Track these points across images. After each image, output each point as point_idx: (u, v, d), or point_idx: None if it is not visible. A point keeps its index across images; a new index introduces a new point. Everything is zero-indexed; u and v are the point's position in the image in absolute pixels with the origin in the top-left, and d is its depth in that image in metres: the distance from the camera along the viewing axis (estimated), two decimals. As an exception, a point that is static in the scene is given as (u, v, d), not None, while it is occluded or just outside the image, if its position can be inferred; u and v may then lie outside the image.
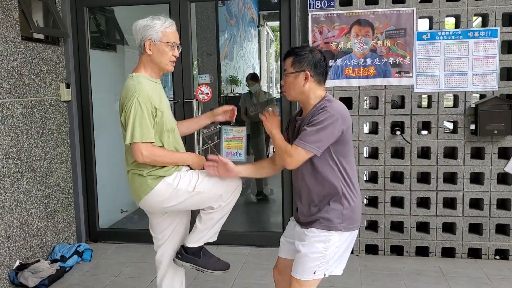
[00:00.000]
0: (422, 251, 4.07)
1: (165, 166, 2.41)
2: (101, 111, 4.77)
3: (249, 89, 6.20)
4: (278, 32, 4.42)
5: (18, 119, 3.67)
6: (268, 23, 12.65)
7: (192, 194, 2.45)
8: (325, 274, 2.33)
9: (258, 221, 5.67)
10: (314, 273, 2.29)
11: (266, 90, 6.28)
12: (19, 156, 3.67)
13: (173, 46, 2.43)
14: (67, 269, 3.82)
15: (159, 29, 2.38)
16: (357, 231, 2.38)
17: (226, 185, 2.50)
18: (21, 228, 3.69)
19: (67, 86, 4.26)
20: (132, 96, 2.30)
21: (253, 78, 6.21)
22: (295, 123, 2.41)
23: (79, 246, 4.10)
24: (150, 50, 2.40)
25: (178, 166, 2.48)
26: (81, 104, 4.44)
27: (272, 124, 2.39)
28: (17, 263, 3.62)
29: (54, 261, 3.84)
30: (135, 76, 2.40)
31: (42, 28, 4.04)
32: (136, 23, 2.44)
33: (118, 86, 5.28)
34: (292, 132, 2.42)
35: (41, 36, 4.02)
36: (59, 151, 4.19)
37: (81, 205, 4.46)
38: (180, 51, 2.52)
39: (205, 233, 2.59)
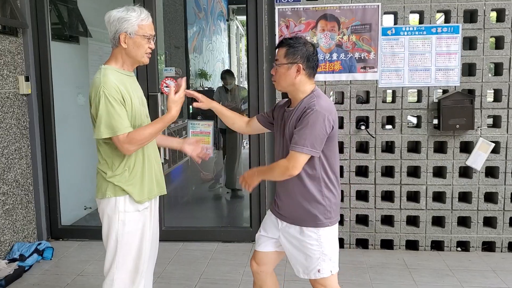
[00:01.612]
0: (387, 244, 4.12)
1: (121, 174, 2.31)
2: (63, 104, 4.63)
3: (224, 85, 6.16)
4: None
5: (-27, 113, 3.52)
6: (237, 17, 12.58)
7: (117, 238, 2.34)
8: (331, 272, 2.34)
9: (225, 216, 5.64)
10: (319, 271, 2.33)
11: (240, 85, 6.28)
12: (-26, 151, 3.53)
13: (149, 38, 2.35)
14: (26, 268, 3.70)
15: (135, 22, 2.29)
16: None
17: (131, 275, 2.41)
18: (-23, 226, 3.56)
19: (27, 79, 4.11)
20: (97, 89, 2.21)
21: (229, 75, 6.20)
22: (283, 112, 2.40)
23: (39, 244, 3.98)
24: (125, 43, 2.30)
25: (140, 197, 2.36)
26: (41, 97, 4.29)
27: (252, 181, 2.37)
28: (-27, 263, 3.49)
29: (12, 260, 3.71)
30: (103, 69, 2.31)
31: (-2, 18, 3.88)
32: (109, 14, 2.32)
33: (80, 78, 5.14)
34: (279, 119, 2.42)
35: (-3, 27, 3.87)
36: (18, 146, 4.04)
37: (41, 202, 4.32)
38: (155, 42, 2.44)
39: None
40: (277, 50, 2.35)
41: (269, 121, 2.59)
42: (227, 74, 6.22)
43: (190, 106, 6.74)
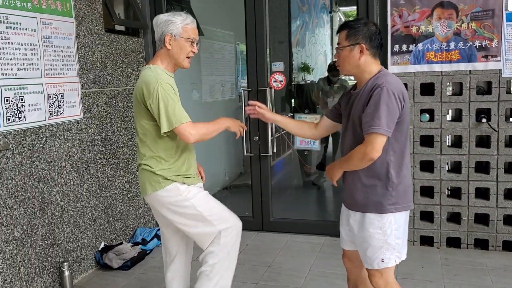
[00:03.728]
0: (510, 246, 3.82)
1: (173, 168, 2.46)
2: (180, 99, 4.89)
3: (329, 76, 6.14)
4: (351, 18, 4.30)
5: (102, 108, 3.86)
6: (340, 8, 12.36)
7: (196, 214, 2.46)
8: (395, 261, 2.26)
9: (332, 210, 5.61)
10: (382, 260, 2.25)
11: (342, 78, 6.23)
12: (104, 143, 3.87)
13: (192, 42, 2.47)
14: (147, 251, 3.99)
15: (180, 24, 2.42)
16: (408, 211, 2.30)
17: (227, 222, 2.51)
18: (105, 211, 3.90)
19: (147, 76, 4.40)
20: (155, 85, 2.33)
21: (336, 68, 6.14)
22: (349, 96, 2.34)
23: (159, 230, 4.27)
24: (170, 44, 2.43)
25: (190, 178, 2.52)
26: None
27: (333, 174, 2.35)
28: (102, 245, 3.83)
29: (135, 244, 4.02)
30: (152, 68, 2.44)
31: (123, 20, 4.20)
32: (157, 17, 2.48)
33: (194, 75, 5.40)
34: (345, 104, 2.35)
35: (122, 28, 4.18)
36: (140, 138, 4.36)
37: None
38: (198, 47, 2.54)
39: None
40: (338, 34, 2.28)
41: (338, 113, 2.49)
42: (335, 67, 6.16)
43: (292, 100, 6.78)
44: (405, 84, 3.75)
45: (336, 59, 2.33)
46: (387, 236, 2.22)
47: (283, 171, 7.08)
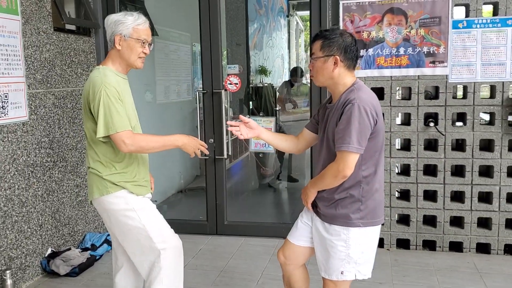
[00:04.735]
0: (456, 247, 3.95)
1: (122, 173, 2.39)
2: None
3: (291, 80, 6.42)
4: (308, 22, 4.34)
5: (50, 109, 3.72)
6: (297, 12, 12.50)
7: (138, 227, 2.40)
8: (355, 276, 2.24)
9: (286, 212, 5.64)
10: (342, 273, 2.22)
11: (306, 83, 6.41)
12: (51, 145, 3.73)
13: (143, 43, 2.42)
14: (97, 257, 3.88)
15: (131, 25, 2.38)
16: (379, 226, 2.27)
17: (167, 243, 2.45)
18: (53, 216, 3.76)
19: (98, 77, 4.29)
20: (99, 88, 2.28)
21: (298, 73, 6.40)
22: (325, 110, 2.31)
23: (109, 235, 4.16)
24: (119, 45, 2.39)
25: (140, 187, 2.45)
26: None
27: (307, 196, 2.32)
28: (49, 251, 3.70)
29: (84, 249, 3.90)
30: (101, 69, 2.40)
31: (73, 19, 4.08)
32: (108, 17, 2.44)
33: (148, 76, 5.30)
34: (321, 117, 2.33)
35: (72, 27, 4.06)
36: (90, 141, 4.24)
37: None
38: (151, 49, 2.49)
39: None
40: (313, 43, 2.24)
41: (316, 124, 2.44)
42: (296, 72, 6.41)
43: (250, 102, 6.80)
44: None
45: (310, 69, 2.27)
46: (350, 249, 2.19)
47: (239, 173, 7.07)
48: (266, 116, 5.92)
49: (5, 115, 3.29)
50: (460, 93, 4.08)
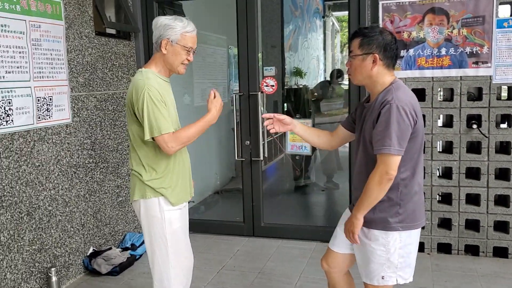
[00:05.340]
0: (501, 252, 3.82)
1: (162, 178, 2.40)
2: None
3: (329, 81, 6.39)
4: (343, 23, 4.32)
5: (92, 111, 3.82)
6: (333, 13, 12.40)
7: (161, 238, 2.42)
8: (397, 281, 2.20)
9: (323, 215, 5.60)
10: (383, 278, 2.18)
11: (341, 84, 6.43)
12: (93, 147, 3.83)
13: (189, 50, 2.41)
14: (137, 257, 3.95)
15: (179, 31, 2.35)
16: (419, 230, 2.21)
17: (180, 271, 2.49)
18: (94, 216, 3.86)
19: (138, 80, 4.37)
20: (142, 91, 2.29)
21: (339, 76, 6.36)
22: (362, 109, 2.26)
23: (148, 235, 4.22)
24: (165, 49, 2.37)
25: (179, 195, 2.46)
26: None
27: (353, 228, 2.18)
28: (91, 250, 3.79)
29: (125, 249, 3.98)
30: (144, 72, 2.39)
31: (114, 23, 4.17)
32: (157, 19, 2.41)
33: (185, 79, 5.38)
34: (358, 116, 2.28)
35: (113, 31, 4.16)
36: (130, 142, 4.32)
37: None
38: (193, 57, 2.48)
39: None
40: (351, 41, 2.18)
41: (354, 121, 2.39)
42: (337, 73, 6.36)
43: (285, 104, 6.79)
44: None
45: (348, 67, 2.22)
46: (390, 254, 2.15)
47: (275, 175, 7.06)
48: (302, 118, 5.89)
49: (49, 117, 3.40)
50: (504, 94, 3.95)
